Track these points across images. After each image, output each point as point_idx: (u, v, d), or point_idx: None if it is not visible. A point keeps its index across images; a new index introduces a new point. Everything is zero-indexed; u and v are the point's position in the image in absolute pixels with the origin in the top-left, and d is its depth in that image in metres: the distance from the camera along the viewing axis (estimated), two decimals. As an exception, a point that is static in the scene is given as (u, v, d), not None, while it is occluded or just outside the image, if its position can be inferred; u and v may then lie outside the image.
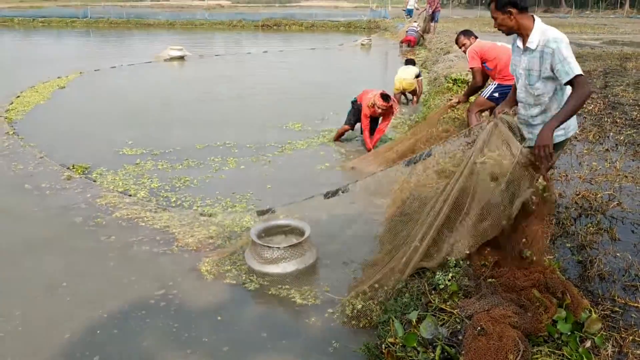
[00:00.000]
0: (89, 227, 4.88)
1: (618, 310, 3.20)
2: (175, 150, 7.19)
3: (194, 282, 3.97)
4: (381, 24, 32.61)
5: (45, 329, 3.41)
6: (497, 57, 6.05)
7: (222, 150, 7.29)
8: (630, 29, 30.90)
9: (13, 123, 8.48)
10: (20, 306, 3.65)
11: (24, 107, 9.62)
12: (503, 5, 3.27)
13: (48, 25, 33.13)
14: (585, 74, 11.47)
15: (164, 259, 4.32)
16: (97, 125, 8.65)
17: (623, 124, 7.94)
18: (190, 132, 8.14)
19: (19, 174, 6.21)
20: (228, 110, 9.96)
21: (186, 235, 4.62)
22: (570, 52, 3.14)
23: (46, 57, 17.46)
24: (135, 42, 24.32)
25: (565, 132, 3.34)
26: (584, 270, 3.72)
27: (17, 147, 7.23)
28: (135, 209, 5.17)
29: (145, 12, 43.43)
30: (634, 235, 4.32)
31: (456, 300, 2.95)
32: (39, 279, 4.01)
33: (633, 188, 5.36)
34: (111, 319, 3.53)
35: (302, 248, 4.02)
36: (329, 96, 10.95)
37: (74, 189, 5.75)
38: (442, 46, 16.42)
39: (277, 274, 3.92)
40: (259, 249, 3.96)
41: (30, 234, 4.75)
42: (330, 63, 17.20)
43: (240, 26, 33.55)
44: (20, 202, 5.46)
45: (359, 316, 3.36)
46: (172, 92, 11.76)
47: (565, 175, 5.69)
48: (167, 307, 3.67)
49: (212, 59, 17.53)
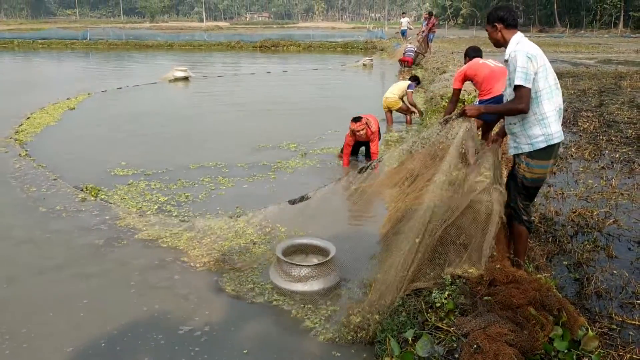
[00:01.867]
0: (110, 248, 4.72)
1: (615, 327, 3.20)
2: (181, 170, 7.10)
3: (221, 304, 3.82)
4: (378, 44, 32.97)
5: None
6: (477, 74, 6.17)
7: (243, 169, 7.18)
8: (625, 48, 31.28)
9: (24, 145, 8.36)
10: (53, 332, 3.48)
11: (34, 128, 9.52)
12: (492, 20, 3.62)
13: (48, 47, 33.43)
14: (580, 92, 11.54)
15: (188, 278, 4.18)
16: (107, 146, 8.53)
17: (618, 141, 8.00)
18: (207, 152, 8.05)
19: (32, 196, 6.04)
20: (246, 129, 9.88)
21: (204, 252, 4.53)
22: (524, 63, 3.34)
23: (52, 79, 17.50)
24: (137, 63, 24.44)
25: (545, 139, 3.44)
26: (581, 288, 3.72)
27: (29, 168, 7.09)
28: (156, 230, 5.02)
29: (145, 33, 43.87)
30: (630, 253, 4.32)
31: (452, 319, 2.94)
32: (60, 304, 3.80)
33: (629, 205, 5.38)
34: (132, 345, 3.34)
35: (328, 267, 4.00)
36: (340, 112, 10.90)
37: (90, 210, 5.58)
38: (438, 66, 16.57)
39: (304, 292, 3.88)
40: (285, 266, 3.94)
41: (48, 257, 4.56)
42: (335, 83, 17.33)
43: (238, 47, 33.87)
44: (35, 225, 5.26)
45: (357, 330, 3.34)
46: (181, 112, 11.79)
47: (561, 193, 5.71)
48: (193, 332, 3.48)
49: (215, 79, 17.66)
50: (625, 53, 27.32)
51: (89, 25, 65.41)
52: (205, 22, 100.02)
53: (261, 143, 8.47)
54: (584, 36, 51.83)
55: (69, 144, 8.75)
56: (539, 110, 3.42)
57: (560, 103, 3.51)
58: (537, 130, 3.43)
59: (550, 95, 3.43)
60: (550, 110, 3.42)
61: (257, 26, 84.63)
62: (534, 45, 3.49)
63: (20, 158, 7.58)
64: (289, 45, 33.94)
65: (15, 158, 7.59)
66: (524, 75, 3.32)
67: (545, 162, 3.50)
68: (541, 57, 3.44)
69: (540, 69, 3.40)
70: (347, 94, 14.67)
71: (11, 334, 3.41)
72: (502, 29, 3.57)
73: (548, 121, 3.42)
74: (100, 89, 14.53)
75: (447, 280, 3.23)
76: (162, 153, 8.04)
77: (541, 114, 3.42)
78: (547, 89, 3.42)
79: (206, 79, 17.61)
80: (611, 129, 8.90)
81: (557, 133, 3.45)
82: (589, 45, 33.80)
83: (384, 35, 38.49)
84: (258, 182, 6.60)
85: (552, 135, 3.43)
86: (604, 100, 11.91)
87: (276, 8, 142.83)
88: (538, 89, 3.41)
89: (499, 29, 3.58)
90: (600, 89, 13.66)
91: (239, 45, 34.21)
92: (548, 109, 3.42)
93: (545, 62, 3.45)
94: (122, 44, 34.61)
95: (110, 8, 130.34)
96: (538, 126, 3.43)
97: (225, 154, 7.80)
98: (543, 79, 3.41)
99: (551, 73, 3.47)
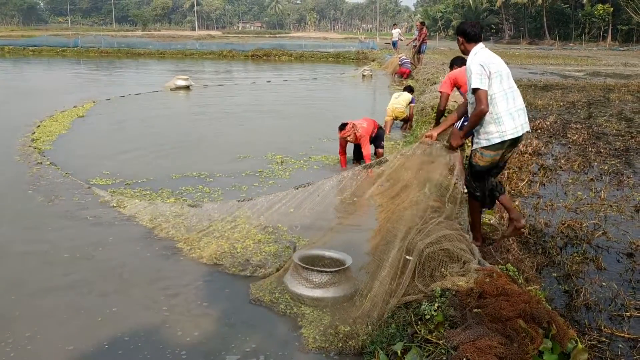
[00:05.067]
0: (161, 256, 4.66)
1: (605, 340, 3.19)
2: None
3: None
4: (369, 54, 33.17)
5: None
6: (465, 82, 6.20)
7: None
8: (613, 60, 31.68)
9: (43, 153, 8.16)
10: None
11: (48, 136, 9.33)
12: (458, 33, 4.25)
13: (39, 54, 33.29)
14: (569, 104, 11.65)
15: (222, 285, 4.15)
16: (127, 151, 8.48)
17: (607, 153, 8.06)
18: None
19: (67, 205, 5.87)
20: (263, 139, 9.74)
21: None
22: (478, 70, 3.91)
23: (50, 87, 17.25)
24: (130, 71, 24.41)
25: (500, 135, 3.97)
26: (570, 300, 3.72)
27: (56, 176, 6.89)
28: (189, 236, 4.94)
29: (137, 41, 43.87)
30: (619, 265, 4.33)
31: (442, 331, 2.91)
32: (108, 321, 3.63)
33: (618, 217, 5.41)
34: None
35: (347, 274, 3.97)
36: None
37: (124, 216, 5.51)
38: (429, 77, 16.66)
39: (325, 298, 3.83)
40: (305, 273, 3.90)
41: (94, 269, 4.41)
42: (346, 93, 17.45)
43: (230, 56, 33.92)
44: (81, 235, 5.11)
45: (346, 339, 3.31)
46: (193, 121, 11.76)
47: (550, 205, 5.73)
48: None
49: (216, 88, 17.65)
50: (614, 66, 27.68)
51: (80, 32, 65.24)
52: (198, 31, 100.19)
53: (277, 153, 8.31)
54: (573, 49, 52.50)
55: (87, 151, 8.63)
56: (494, 111, 3.96)
57: (521, 104, 4.06)
58: (493, 128, 3.98)
59: (505, 98, 3.97)
60: (504, 110, 3.96)
61: (249, 35, 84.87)
62: (492, 55, 4.05)
63: (44, 167, 7.38)
64: (281, 54, 34.04)
65: (37, 166, 7.39)
66: (479, 79, 3.89)
67: (496, 153, 4.05)
68: (495, 65, 3.97)
69: (495, 74, 3.93)
70: (356, 104, 14.75)
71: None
72: (464, 42, 4.18)
73: (502, 120, 3.96)
74: (103, 97, 14.47)
75: (436, 292, 3.22)
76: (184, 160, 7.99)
77: (496, 114, 3.96)
78: (502, 92, 3.97)
79: (207, 88, 17.62)
80: (600, 140, 8.97)
81: (511, 130, 3.97)
82: (577, 58, 34.21)
83: (375, 46, 38.79)
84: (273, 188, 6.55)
85: (506, 132, 3.96)
86: (593, 112, 12.01)
87: (269, 18, 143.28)
88: (493, 92, 3.95)
89: (462, 42, 4.20)
90: (589, 101, 13.79)
91: (230, 55, 34.27)
92: (502, 110, 3.96)
93: (501, 70, 3.98)
94: (113, 51, 34.53)
95: (103, 16, 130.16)
96: (494, 124, 3.98)
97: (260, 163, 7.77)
98: (497, 84, 3.95)
99: (506, 79, 4.01)
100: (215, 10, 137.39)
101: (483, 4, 73.97)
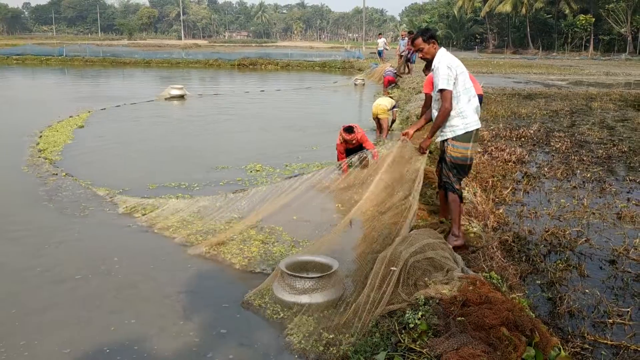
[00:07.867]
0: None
1: (588, 347, 3.19)
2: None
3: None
4: (355, 64, 33.32)
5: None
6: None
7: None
8: (595, 70, 32.13)
9: (55, 164, 8.06)
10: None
11: (54, 147, 9.21)
12: (429, 37, 4.53)
13: (22, 63, 33.01)
14: (552, 113, 11.73)
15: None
16: (138, 161, 8.55)
17: (590, 161, 8.13)
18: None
19: (97, 216, 5.87)
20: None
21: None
22: (445, 72, 4.34)
23: (40, 97, 17.12)
24: (117, 80, 24.31)
25: (464, 127, 4.41)
26: (554, 307, 3.72)
27: (76, 188, 6.85)
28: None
29: (122, 50, 43.77)
30: (602, 272, 4.35)
31: (425, 340, 2.90)
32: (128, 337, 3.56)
33: (600, 225, 5.45)
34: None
35: (330, 280, 3.95)
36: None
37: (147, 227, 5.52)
38: (415, 86, 16.78)
39: (310, 304, 3.80)
40: (289, 279, 3.89)
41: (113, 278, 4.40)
42: (345, 103, 17.57)
43: (216, 65, 33.91)
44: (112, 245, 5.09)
45: (328, 345, 3.29)
46: (200, 128, 11.82)
47: (534, 212, 5.76)
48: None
49: (211, 97, 17.64)
50: (596, 75, 28.05)
51: (65, 41, 64.84)
52: (184, 40, 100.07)
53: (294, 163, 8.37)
54: (556, 58, 53.22)
55: (97, 162, 8.56)
56: (458, 107, 4.41)
57: (477, 106, 4.52)
58: (457, 121, 4.43)
59: (467, 95, 4.41)
60: (467, 106, 4.41)
61: (235, 45, 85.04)
62: (454, 58, 4.46)
63: (60, 177, 7.32)
64: (267, 63, 34.12)
65: (52, 177, 7.32)
66: (446, 80, 4.32)
67: (465, 144, 4.44)
68: (460, 67, 4.40)
69: (460, 75, 4.37)
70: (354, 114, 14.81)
71: None
72: (434, 45, 4.52)
73: (465, 114, 4.41)
74: (98, 106, 14.38)
75: (420, 301, 3.21)
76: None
77: (460, 109, 4.41)
78: (464, 91, 4.41)
79: (201, 97, 17.62)
80: (582, 149, 9.06)
81: (473, 122, 4.43)
82: (560, 67, 34.65)
83: (361, 56, 39.02)
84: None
85: (469, 124, 4.41)
86: (576, 120, 12.14)
87: (255, 27, 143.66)
88: (458, 90, 4.39)
89: (433, 45, 4.52)
90: (571, 109, 13.94)
91: (217, 63, 34.28)
92: (464, 106, 4.41)
93: (464, 71, 4.42)
94: (98, 60, 34.38)
95: (88, 25, 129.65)
96: (458, 118, 4.42)
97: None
98: (461, 83, 4.39)
99: (468, 80, 4.45)
100: (202, 20, 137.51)
101: (467, 14, 74.87)
